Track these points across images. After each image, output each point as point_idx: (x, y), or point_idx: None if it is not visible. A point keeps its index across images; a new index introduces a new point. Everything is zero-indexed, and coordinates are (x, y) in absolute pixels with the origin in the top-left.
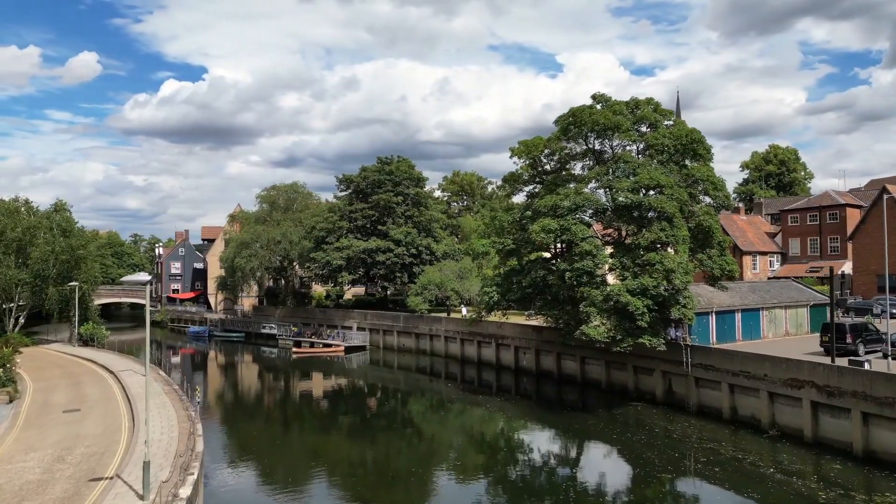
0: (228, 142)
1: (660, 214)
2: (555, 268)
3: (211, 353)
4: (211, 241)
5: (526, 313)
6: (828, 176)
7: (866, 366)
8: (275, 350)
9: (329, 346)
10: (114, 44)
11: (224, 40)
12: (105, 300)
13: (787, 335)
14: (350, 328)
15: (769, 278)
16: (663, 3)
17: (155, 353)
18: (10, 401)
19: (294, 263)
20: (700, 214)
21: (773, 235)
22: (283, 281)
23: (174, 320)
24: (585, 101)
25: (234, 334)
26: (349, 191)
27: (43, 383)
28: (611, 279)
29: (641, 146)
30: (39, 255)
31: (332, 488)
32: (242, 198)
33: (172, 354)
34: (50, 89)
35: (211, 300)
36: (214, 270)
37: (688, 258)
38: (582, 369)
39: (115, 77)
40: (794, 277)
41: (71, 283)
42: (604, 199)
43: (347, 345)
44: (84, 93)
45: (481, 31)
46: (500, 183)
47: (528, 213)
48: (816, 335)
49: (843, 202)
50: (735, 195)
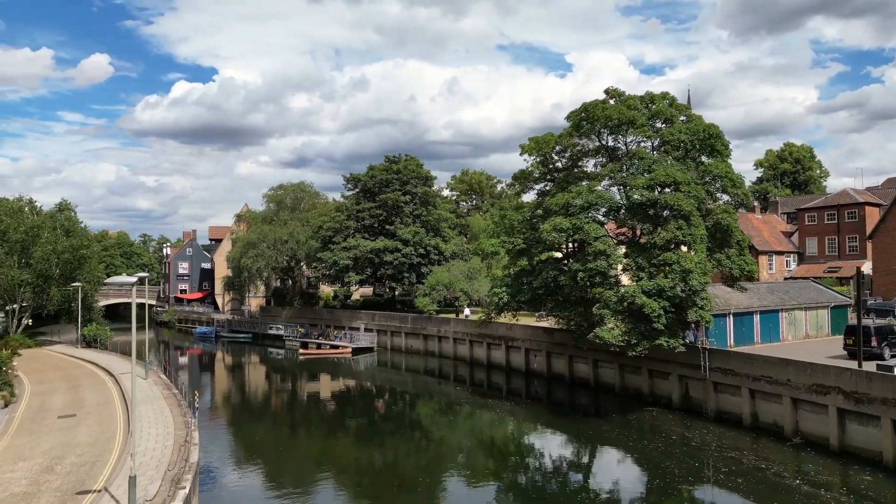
0: (238, 142)
1: (676, 212)
2: (567, 268)
3: (218, 354)
4: (218, 241)
5: (536, 315)
6: (840, 175)
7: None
8: (281, 351)
9: (336, 347)
10: (125, 46)
11: (234, 41)
12: (114, 300)
13: (808, 338)
14: (357, 329)
15: (785, 278)
16: (673, 1)
17: (161, 354)
18: (6, 405)
19: (301, 263)
20: (718, 212)
21: (789, 235)
22: (290, 281)
23: (182, 321)
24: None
25: (241, 335)
26: (356, 190)
27: (41, 386)
28: (624, 280)
29: (656, 142)
30: (41, 254)
31: (339, 495)
32: (252, 198)
33: (180, 355)
34: (62, 91)
35: (218, 300)
36: (222, 270)
37: (706, 258)
38: (595, 372)
39: (127, 79)
40: (812, 278)
41: (73, 284)
42: (617, 197)
43: (355, 346)
44: (96, 94)
45: (490, 32)
46: (509, 181)
47: (539, 211)
48: (837, 338)
49: (862, 200)
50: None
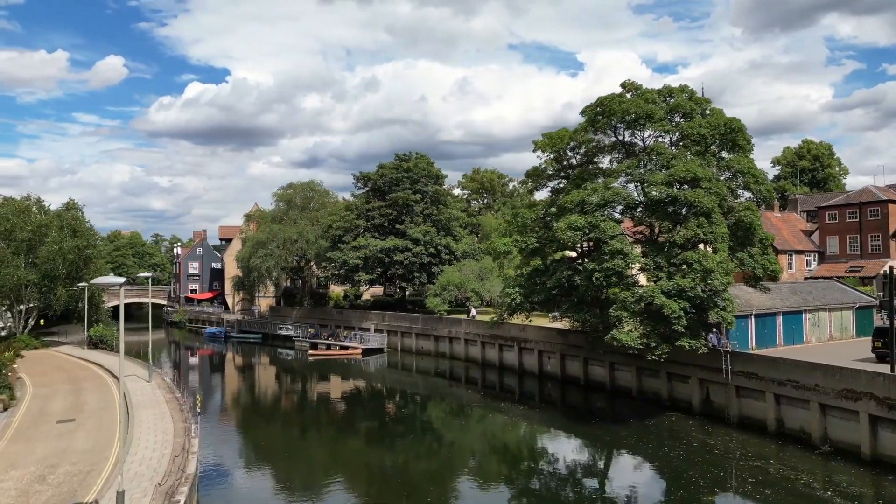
0: (251, 143)
1: (697, 210)
2: (582, 268)
3: (227, 355)
4: (229, 240)
5: (550, 315)
6: (856, 174)
7: None
8: (291, 352)
9: (346, 348)
10: (139, 47)
11: (246, 43)
12: (126, 300)
13: (832, 340)
14: (367, 330)
15: (806, 278)
16: None
17: (172, 354)
18: (4, 409)
19: (311, 263)
20: (740, 210)
21: (809, 233)
22: (300, 281)
23: (192, 321)
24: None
25: (251, 335)
26: (366, 189)
27: (43, 389)
28: (641, 280)
29: (675, 137)
30: (47, 254)
31: (347, 500)
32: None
33: (190, 355)
34: (77, 93)
35: (228, 301)
36: (232, 270)
37: (727, 257)
38: (611, 375)
39: (141, 80)
40: (836, 277)
41: (80, 284)
42: (635, 195)
43: (365, 347)
44: (110, 96)
45: (500, 31)
46: (522, 179)
47: (553, 209)
48: (863, 339)
49: (885, 198)
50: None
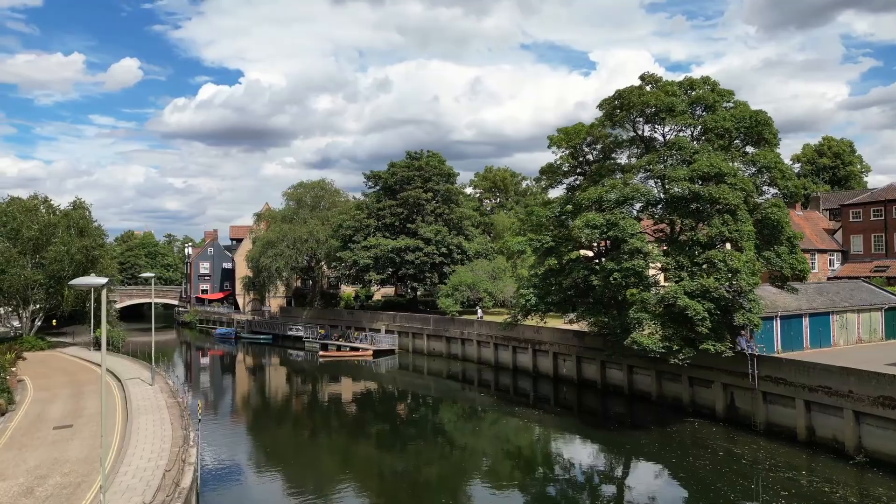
0: (264, 144)
1: (721, 207)
2: (599, 268)
3: (237, 356)
4: (239, 240)
5: (565, 317)
6: (874, 172)
7: None
8: (301, 353)
9: (357, 349)
10: (154, 50)
11: (260, 44)
12: (137, 300)
13: (860, 342)
14: (378, 331)
15: (829, 278)
16: None
17: (182, 355)
18: (2, 413)
19: (321, 263)
20: (766, 207)
21: (832, 232)
22: (310, 281)
23: (203, 321)
24: None
25: (262, 336)
26: (377, 187)
27: (44, 392)
28: (661, 280)
29: (697, 130)
30: (54, 255)
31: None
32: (275, 198)
33: (200, 356)
34: (93, 95)
35: (239, 301)
36: (242, 270)
37: (754, 256)
38: (629, 379)
39: (156, 82)
40: (863, 277)
41: None
42: (655, 191)
43: (376, 348)
44: (126, 98)
45: (512, 31)
46: (536, 176)
47: (569, 207)
48: (893, 342)
49: None
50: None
